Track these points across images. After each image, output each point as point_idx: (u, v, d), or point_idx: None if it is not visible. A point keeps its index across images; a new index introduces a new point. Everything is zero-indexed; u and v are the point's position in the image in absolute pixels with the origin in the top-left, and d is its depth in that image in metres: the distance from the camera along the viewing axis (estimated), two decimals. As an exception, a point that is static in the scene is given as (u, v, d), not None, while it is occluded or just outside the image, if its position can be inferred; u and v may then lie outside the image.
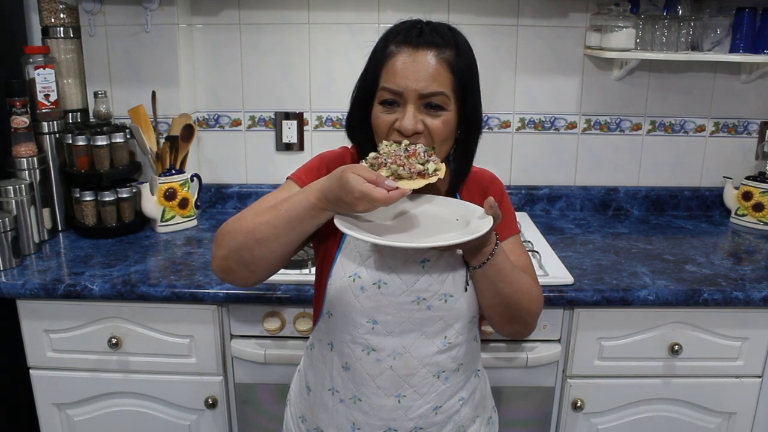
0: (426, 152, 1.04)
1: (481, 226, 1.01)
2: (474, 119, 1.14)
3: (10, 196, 1.71)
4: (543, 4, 2.05)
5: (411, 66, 1.06)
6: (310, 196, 1.01)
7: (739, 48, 1.99)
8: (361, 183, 0.94)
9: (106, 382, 1.64)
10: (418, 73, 1.06)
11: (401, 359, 1.11)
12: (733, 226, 2.09)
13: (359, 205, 0.96)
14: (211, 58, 2.10)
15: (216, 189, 2.18)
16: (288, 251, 1.06)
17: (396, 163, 1.01)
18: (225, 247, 1.06)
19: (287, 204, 1.03)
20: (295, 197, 1.03)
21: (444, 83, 1.07)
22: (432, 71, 1.06)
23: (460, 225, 1.06)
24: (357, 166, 0.97)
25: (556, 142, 2.17)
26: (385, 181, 0.95)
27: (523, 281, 1.11)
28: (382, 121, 1.09)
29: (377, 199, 0.94)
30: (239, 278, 1.09)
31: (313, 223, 1.03)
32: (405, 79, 1.06)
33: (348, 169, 0.96)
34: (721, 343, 1.61)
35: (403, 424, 1.13)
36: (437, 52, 1.07)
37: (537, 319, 1.16)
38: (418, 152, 1.03)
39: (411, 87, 1.06)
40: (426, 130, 1.08)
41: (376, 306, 1.09)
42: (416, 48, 1.07)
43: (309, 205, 1.01)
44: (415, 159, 1.02)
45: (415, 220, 1.09)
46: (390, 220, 1.09)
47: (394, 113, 1.08)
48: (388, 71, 1.08)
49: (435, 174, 1.02)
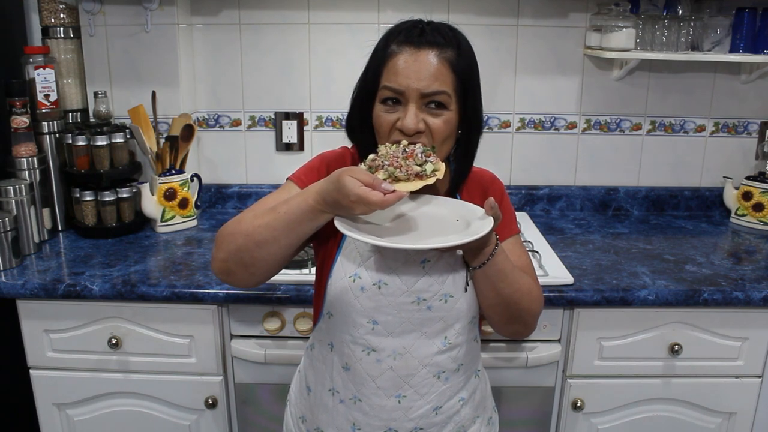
0: (424, 153, 1.03)
1: (481, 227, 1.00)
2: (475, 119, 1.14)
3: (10, 196, 1.71)
4: (543, 4, 2.04)
5: (413, 65, 1.06)
6: (308, 198, 1.00)
7: (739, 48, 1.99)
8: (357, 186, 0.94)
9: (106, 382, 1.64)
10: (420, 72, 1.05)
11: (401, 360, 1.11)
12: (733, 226, 2.09)
13: (356, 209, 0.95)
14: (211, 58, 2.10)
15: (216, 189, 2.18)
16: (287, 253, 1.06)
17: (393, 165, 1.00)
18: (224, 249, 1.06)
19: (286, 206, 1.02)
20: (293, 199, 1.02)
21: (446, 82, 1.06)
22: (434, 70, 1.06)
23: (460, 226, 1.06)
24: (354, 169, 0.96)
25: (556, 142, 2.17)
26: (382, 184, 0.95)
27: (523, 281, 1.11)
28: (384, 120, 1.09)
29: (373, 203, 0.93)
30: (239, 280, 1.09)
31: (312, 226, 1.02)
32: (407, 78, 1.05)
33: (345, 172, 0.96)
34: (721, 343, 1.61)
35: (403, 424, 1.13)
36: (439, 51, 1.07)
37: (537, 319, 1.16)
38: (415, 153, 1.02)
39: (413, 86, 1.05)
40: (427, 130, 1.07)
41: (377, 306, 1.09)
42: (418, 47, 1.07)
43: (307, 208, 1.00)
44: (413, 160, 1.01)
45: (415, 221, 1.09)
46: (390, 221, 1.09)
47: (395, 112, 1.08)
48: (389, 70, 1.08)
49: (433, 175, 1.01)
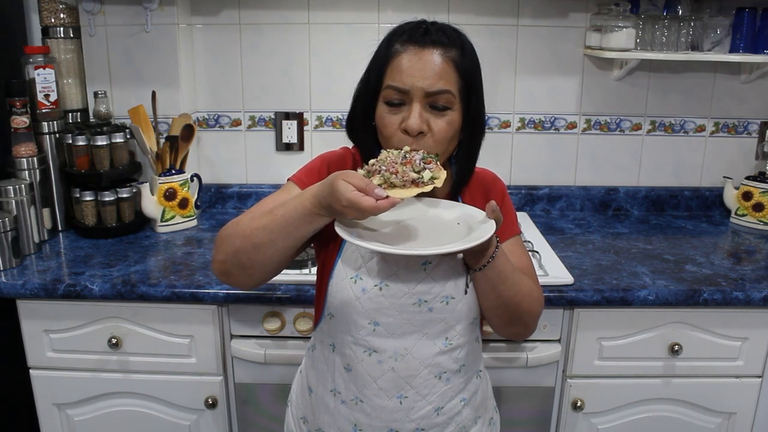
0: (423, 160, 1.01)
1: (483, 231, 1.00)
2: (478, 121, 1.13)
3: (10, 196, 1.71)
4: (543, 4, 2.04)
5: (417, 64, 1.05)
6: (305, 201, 1.00)
7: (739, 48, 1.99)
8: (349, 191, 0.92)
9: (106, 382, 1.64)
10: (425, 71, 1.05)
11: (403, 361, 1.11)
12: (733, 226, 2.09)
13: (348, 213, 0.94)
14: (211, 58, 2.10)
15: (216, 189, 2.18)
16: (285, 255, 1.05)
17: (389, 171, 0.98)
18: (223, 251, 1.06)
19: (283, 209, 1.02)
20: (291, 202, 1.02)
21: (450, 82, 1.06)
22: (438, 69, 1.05)
23: (461, 229, 1.05)
24: (349, 173, 0.95)
25: (556, 142, 2.17)
26: (375, 189, 0.93)
27: (523, 283, 1.11)
28: (388, 122, 1.08)
29: (364, 209, 0.92)
30: (239, 281, 1.09)
31: (310, 229, 1.02)
32: (411, 77, 1.05)
33: (339, 176, 0.95)
34: (721, 343, 1.62)
35: (404, 425, 1.13)
36: (443, 51, 1.06)
37: (537, 320, 1.16)
38: (414, 160, 1.00)
39: (417, 85, 1.05)
40: (430, 131, 1.07)
41: (378, 308, 1.09)
42: (422, 47, 1.06)
43: (304, 211, 0.99)
44: (411, 167, 0.99)
45: (416, 225, 1.08)
46: (391, 225, 1.08)
47: (400, 113, 1.07)
48: (393, 70, 1.07)
49: (431, 183, 0.99)
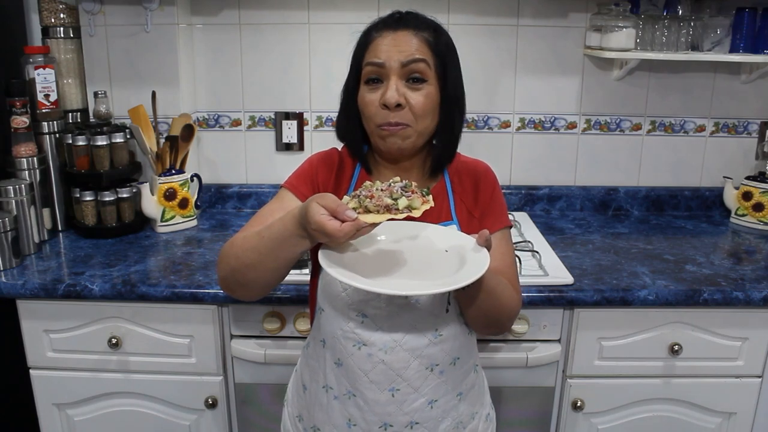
0: (405, 188, 1.00)
1: (472, 266, 0.99)
2: (455, 98, 1.17)
3: (10, 196, 1.71)
4: (543, 4, 2.04)
5: (392, 42, 1.13)
6: (287, 223, 1.01)
7: (739, 48, 1.98)
8: (317, 213, 0.93)
9: (106, 382, 1.64)
10: (400, 45, 1.12)
11: (392, 353, 1.11)
12: (733, 226, 2.09)
13: (318, 237, 0.96)
14: (211, 58, 2.10)
15: (216, 189, 2.18)
16: (278, 274, 1.09)
17: (366, 195, 0.98)
18: (222, 269, 1.12)
19: (269, 231, 1.04)
20: (276, 224, 1.04)
21: (424, 54, 1.12)
22: (413, 44, 1.12)
23: (451, 258, 1.04)
24: (325, 195, 0.96)
25: (556, 142, 2.17)
26: (346, 211, 0.94)
27: (505, 295, 1.11)
28: (369, 100, 1.14)
29: (329, 232, 0.93)
30: (241, 295, 1.15)
31: (296, 251, 1.03)
32: (387, 52, 1.12)
33: (314, 198, 0.96)
34: (721, 343, 1.61)
35: (398, 418, 1.13)
36: (417, 32, 1.14)
37: (514, 320, 1.20)
38: (393, 187, 1.00)
39: (393, 57, 1.11)
40: (408, 104, 1.11)
41: (365, 299, 1.10)
42: (396, 30, 1.14)
43: (288, 234, 1.01)
44: (389, 193, 0.98)
45: (402, 252, 1.08)
46: (378, 250, 1.08)
47: (378, 90, 1.13)
48: (370, 52, 1.14)
49: (406, 211, 0.97)
